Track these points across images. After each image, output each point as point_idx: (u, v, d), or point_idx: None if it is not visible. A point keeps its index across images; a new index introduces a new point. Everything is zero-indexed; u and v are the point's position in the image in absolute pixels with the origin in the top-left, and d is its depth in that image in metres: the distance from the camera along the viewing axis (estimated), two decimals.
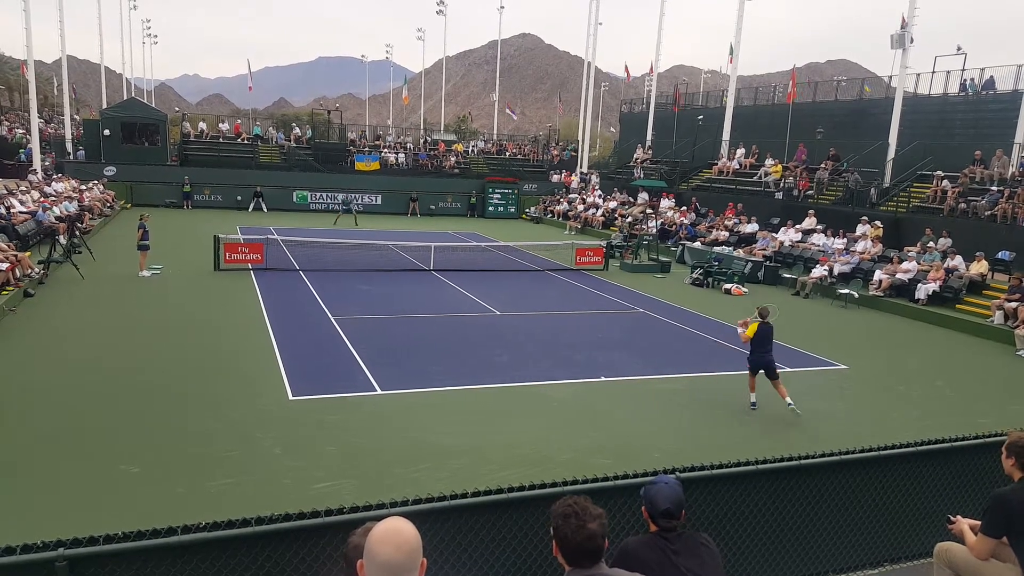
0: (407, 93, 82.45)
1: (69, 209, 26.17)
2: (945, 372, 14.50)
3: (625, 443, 9.57)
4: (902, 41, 27.66)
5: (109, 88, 69.82)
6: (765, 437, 9.93)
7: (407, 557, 2.18)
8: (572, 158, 53.79)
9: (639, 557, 3.51)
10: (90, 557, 3.54)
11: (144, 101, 55.23)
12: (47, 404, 9.84)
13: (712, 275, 23.14)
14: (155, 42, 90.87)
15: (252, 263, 21.18)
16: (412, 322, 16.03)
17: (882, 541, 6.05)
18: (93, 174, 36.81)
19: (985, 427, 7.05)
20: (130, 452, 8.39)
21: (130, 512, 6.92)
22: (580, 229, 36.53)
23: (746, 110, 40.49)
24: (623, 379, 12.31)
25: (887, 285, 20.79)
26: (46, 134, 47.09)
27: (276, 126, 53.62)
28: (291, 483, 7.84)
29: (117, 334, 13.62)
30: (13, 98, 79.58)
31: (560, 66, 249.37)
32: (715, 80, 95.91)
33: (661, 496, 3.66)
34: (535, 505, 4.47)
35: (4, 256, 16.23)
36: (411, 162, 47.60)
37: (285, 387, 10.93)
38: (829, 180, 29.93)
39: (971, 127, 28.78)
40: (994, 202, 22.39)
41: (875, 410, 11.65)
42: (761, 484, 5.39)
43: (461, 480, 7.64)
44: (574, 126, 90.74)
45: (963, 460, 6.15)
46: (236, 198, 39.33)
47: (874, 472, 5.83)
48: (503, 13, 65.43)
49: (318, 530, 3.97)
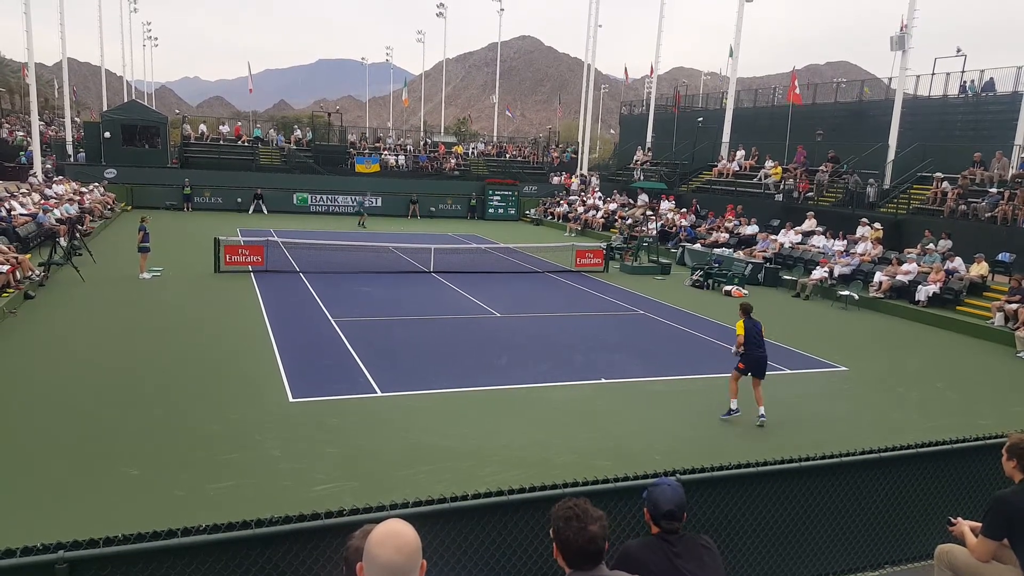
0: (407, 95, 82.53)
1: (70, 211, 26.18)
2: (945, 374, 14.49)
3: (625, 445, 9.56)
4: (902, 43, 27.68)
5: (109, 90, 69.93)
6: (765, 439, 9.92)
7: (407, 559, 2.18)
8: (572, 160, 53.81)
9: (640, 559, 3.51)
10: (90, 559, 3.54)
11: (144, 103, 55.24)
12: (47, 406, 9.83)
13: (712, 277, 23.15)
14: (155, 45, 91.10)
15: (252, 265, 21.19)
16: (412, 324, 16.03)
17: (883, 543, 6.04)
18: (93, 176, 36.84)
19: (986, 429, 7.06)
20: (130, 454, 8.38)
21: (130, 514, 6.91)
22: (580, 231, 36.54)
23: (746, 112, 40.53)
24: (623, 381, 12.30)
25: (887, 287, 20.79)
26: (47, 137, 47.13)
27: (276, 128, 53.63)
28: (291, 485, 7.84)
29: (117, 336, 13.62)
30: (14, 101, 79.67)
31: (560, 68, 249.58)
32: (715, 82, 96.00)
33: (664, 498, 3.65)
34: (535, 507, 4.47)
35: (5, 258, 16.23)
36: (411, 164, 47.62)
37: (285, 389, 10.92)
38: (829, 182, 29.95)
39: (971, 129, 28.79)
40: (994, 204, 22.39)
41: (875, 412, 11.64)
42: (762, 486, 5.38)
43: (461, 482, 7.63)
44: (574, 128, 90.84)
45: (963, 462, 6.14)
46: (236, 200, 39.34)
47: (875, 474, 5.82)
48: (503, 15, 65.60)
49: (318, 532, 3.97)
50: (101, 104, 66.19)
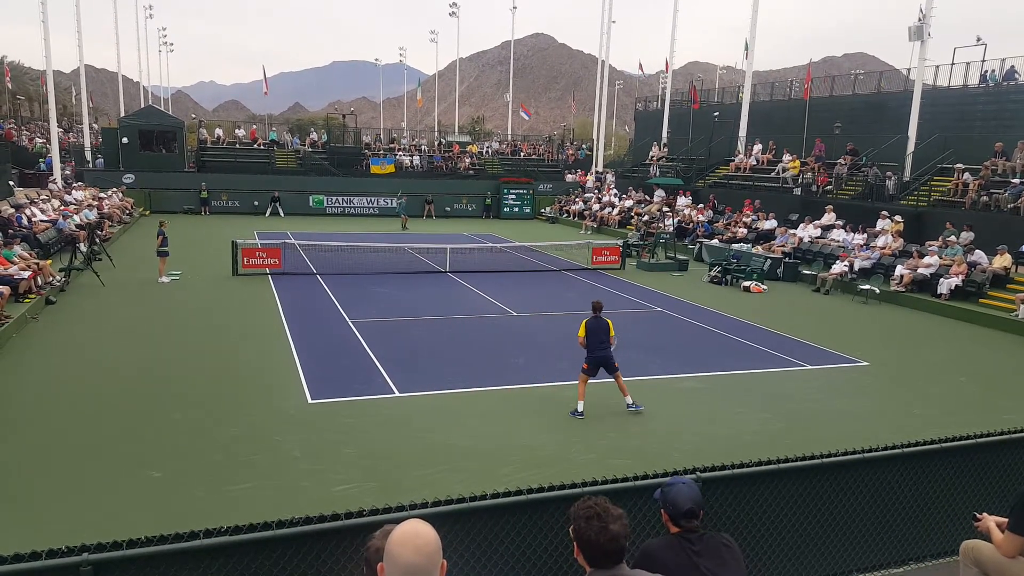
0: (421, 95, 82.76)
1: (89, 217, 26.47)
2: (968, 367, 14.29)
3: (644, 443, 9.53)
4: (920, 33, 27.31)
5: (126, 96, 70.62)
6: (785, 435, 9.84)
7: (427, 559, 2.18)
8: (587, 157, 53.67)
9: (661, 559, 3.49)
10: (114, 561, 3.58)
11: (161, 109, 55.86)
12: (70, 410, 9.95)
13: (731, 273, 23.00)
14: (171, 50, 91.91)
15: (270, 267, 21.33)
16: (429, 324, 16.06)
17: (907, 539, 5.97)
18: (112, 182, 37.22)
19: (1010, 423, 6.94)
20: (152, 457, 8.47)
21: (152, 516, 6.98)
22: (596, 228, 36.44)
23: (762, 106, 40.18)
24: (641, 379, 12.23)
25: (908, 280, 20.55)
26: (65, 143, 47.70)
27: (292, 131, 54.08)
28: (310, 486, 7.88)
29: (137, 340, 13.76)
30: (33, 108, 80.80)
31: (574, 65, 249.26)
32: (730, 76, 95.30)
33: (682, 496, 3.63)
34: (554, 506, 4.46)
35: (26, 264, 16.45)
36: (426, 164, 47.71)
37: (304, 391, 10.99)
38: (848, 175, 29.65)
39: (992, 119, 28.34)
40: (1017, 194, 22.06)
41: (897, 406, 11.51)
42: (783, 483, 5.34)
43: (480, 482, 7.63)
44: (588, 125, 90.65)
45: (989, 456, 6.05)
46: (253, 203, 39.59)
47: (897, 469, 5.75)
48: (516, 13, 65.53)
49: (338, 533, 3.98)
50: (118, 110, 66.89)
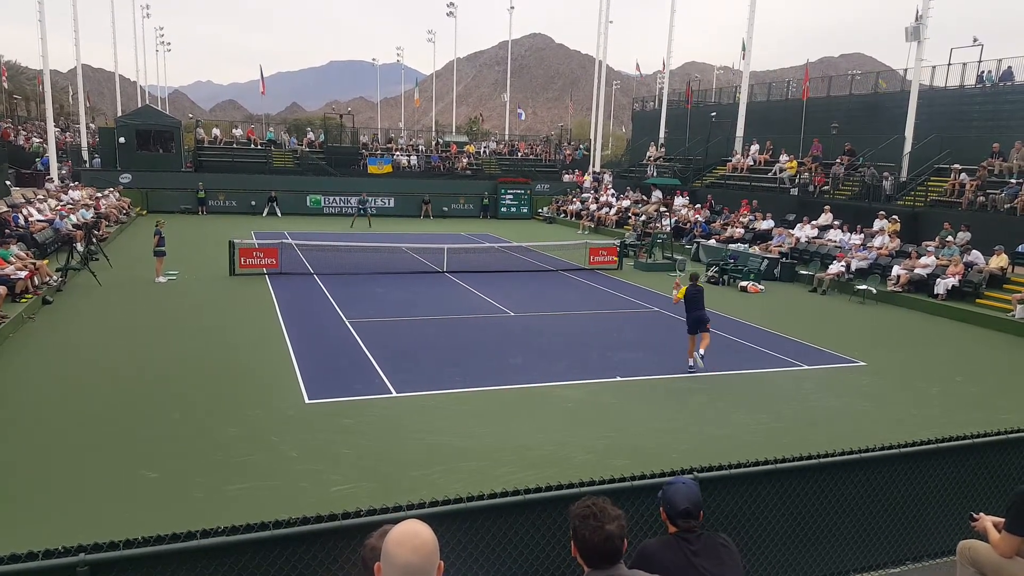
0: (418, 95, 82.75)
1: (86, 216, 26.43)
2: (965, 367, 14.32)
3: (641, 443, 9.53)
4: (917, 33, 27.37)
5: (123, 96, 70.51)
6: (783, 436, 9.85)
7: (424, 559, 2.18)
8: (584, 157, 53.69)
9: (658, 559, 3.49)
10: (110, 562, 3.56)
11: (158, 108, 55.77)
12: (66, 410, 9.93)
13: (728, 273, 23.03)
14: (168, 50, 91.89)
15: (267, 267, 21.30)
16: (426, 324, 16.05)
17: (904, 539, 5.97)
18: (109, 181, 37.17)
19: (1007, 423, 6.95)
20: (148, 457, 8.45)
21: (149, 517, 6.96)
22: (593, 228, 36.47)
23: (759, 106, 40.25)
24: (639, 379, 12.26)
25: (905, 280, 20.58)
26: (62, 143, 47.58)
27: (289, 131, 53.97)
28: (308, 486, 7.87)
29: (134, 340, 13.73)
30: (30, 108, 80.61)
31: (571, 65, 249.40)
32: (728, 76, 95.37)
33: (680, 496, 3.64)
34: (552, 507, 4.46)
35: (23, 264, 16.42)
36: (423, 164, 47.70)
37: (301, 391, 10.98)
38: (845, 175, 29.70)
39: (989, 119, 28.42)
40: (1013, 195, 22.11)
41: (894, 406, 11.52)
42: (780, 483, 5.33)
43: (477, 482, 7.63)
44: (586, 125, 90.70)
45: (985, 456, 6.05)
46: (250, 203, 39.55)
47: (894, 470, 5.75)
48: (513, 13, 65.57)
49: (336, 533, 3.97)
50: (115, 110, 66.77)
